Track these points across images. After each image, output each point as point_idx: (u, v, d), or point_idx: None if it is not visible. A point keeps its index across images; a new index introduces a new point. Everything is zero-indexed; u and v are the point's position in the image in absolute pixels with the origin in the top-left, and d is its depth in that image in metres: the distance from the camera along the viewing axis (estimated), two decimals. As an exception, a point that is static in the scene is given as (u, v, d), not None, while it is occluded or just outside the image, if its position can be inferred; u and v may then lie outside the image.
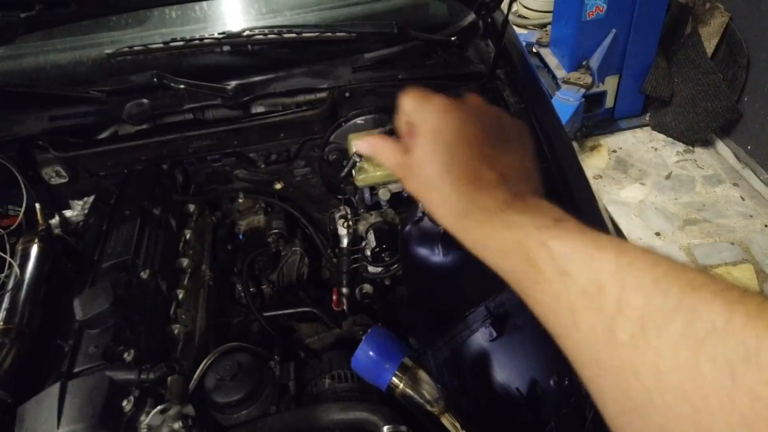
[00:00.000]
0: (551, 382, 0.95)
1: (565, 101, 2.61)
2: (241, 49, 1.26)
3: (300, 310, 1.22)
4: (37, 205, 1.28)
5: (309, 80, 1.27)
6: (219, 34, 1.25)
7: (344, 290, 1.36)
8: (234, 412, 0.88)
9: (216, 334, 1.16)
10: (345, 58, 1.29)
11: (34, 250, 1.15)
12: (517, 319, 0.99)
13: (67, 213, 1.39)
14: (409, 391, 0.87)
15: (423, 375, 0.89)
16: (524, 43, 3.09)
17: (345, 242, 1.38)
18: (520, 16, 4.31)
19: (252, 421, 0.87)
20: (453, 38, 1.33)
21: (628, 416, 0.40)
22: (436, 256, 1.00)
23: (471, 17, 1.38)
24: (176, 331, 1.07)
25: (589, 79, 2.67)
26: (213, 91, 1.20)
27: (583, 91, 2.64)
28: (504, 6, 1.39)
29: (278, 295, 1.39)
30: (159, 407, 0.82)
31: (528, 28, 4.17)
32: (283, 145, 1.38)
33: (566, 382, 0.93)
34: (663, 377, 0.38)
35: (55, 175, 1.30)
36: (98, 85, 1.23)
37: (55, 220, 1.36)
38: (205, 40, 1.24)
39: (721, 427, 0.34)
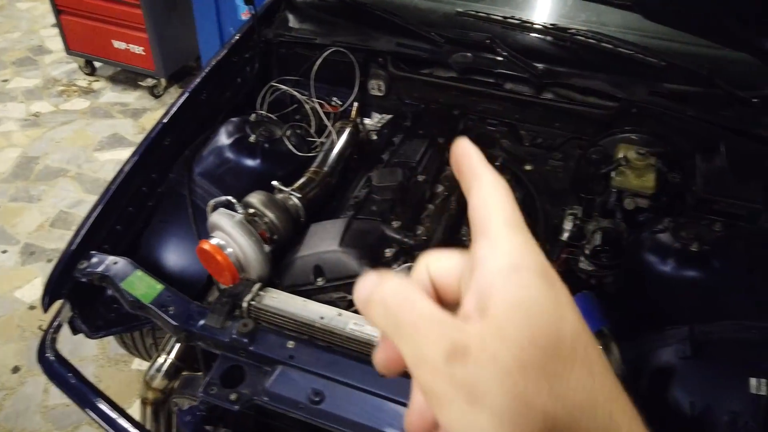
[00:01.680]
0: (725, 417, 1.00)
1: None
2: (560, 42, 1.46)
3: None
4: (356, 104, 1.65)
5: (606, 86, 1.42)
6: (549, 24, 1.46)
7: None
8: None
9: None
10: (646, 80, 1.42)
11: (347, 131, 1.50)
12: (715, 352, 1.05)
13: (366, 120, 1.75)
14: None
15: (615, 349, 1.02)
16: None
17: (565, 236, 1.51)
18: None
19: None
20: (754, 99, 1.37)
21: None
22: (667, 266, 1.10)
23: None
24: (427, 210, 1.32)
25: None
26: (527, 66, 1.42)
27: None
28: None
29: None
30: (407, 264, 1.07)
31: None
32: (553, 135, 1.56)
33: (742, 423, 0.97)
34: None
35: (376, 88, 1.64)
36: (445, 32, 1.53)
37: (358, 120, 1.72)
38: (535, 26, 1.47)
39: None
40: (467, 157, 0.36)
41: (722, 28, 1.20)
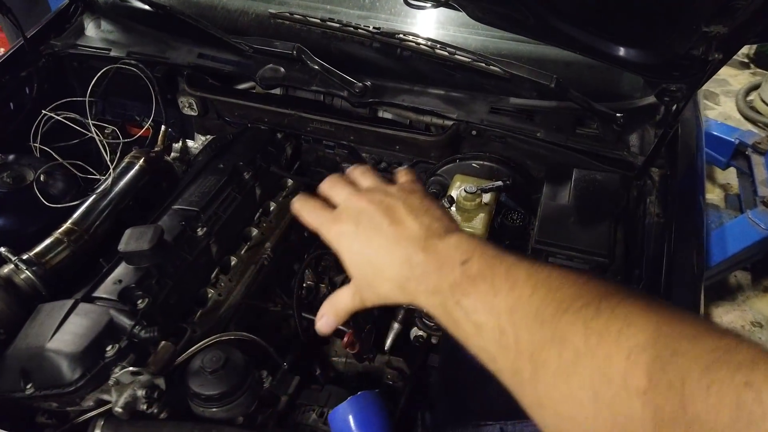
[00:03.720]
0: None
1: (754, 224, 2.19)
2: (389, 51, 1.20)
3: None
4: (163, 128, 1.37)
5: (441, 104, 1.17)
6: (374, 28, 1.20)
7: (396, 325, 1.27)
8: (201, 405, 0.85)
9: (248, 315, 1.14)
10: (488, 94, 1.18)
11: (136, 167, 1.22)
12: (530, 459, 0.82)
13: (190, 143, 1.47)
14: (370, 476, 0.77)
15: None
16: (736, 141, 2.66)
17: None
18: (753, 109, 3.74)
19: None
20: (618, 114, 1.14)
21: None
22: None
23: (651, 98, 1.18)
24: (208, 296, 1.07)
25: (795, 211, 2.22)
26: (342, 81, 1.16)
27: (781, 221, 2.20)
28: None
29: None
30: (132, 368, 0.81)
31: (758, 125, 3.60)
32: (396, 157, 1.31)
33: None
34: (558, 407, 0.42)
35: (188, 107, 1.37)
36: (251, 40, 1.25)
37: (178, 145, 1.44)
38: (360, 30, 1.20)
39: None
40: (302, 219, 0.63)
41: (557, 31, 0.95)
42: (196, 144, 1.46)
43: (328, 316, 0.64)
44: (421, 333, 1.27)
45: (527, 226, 1.10)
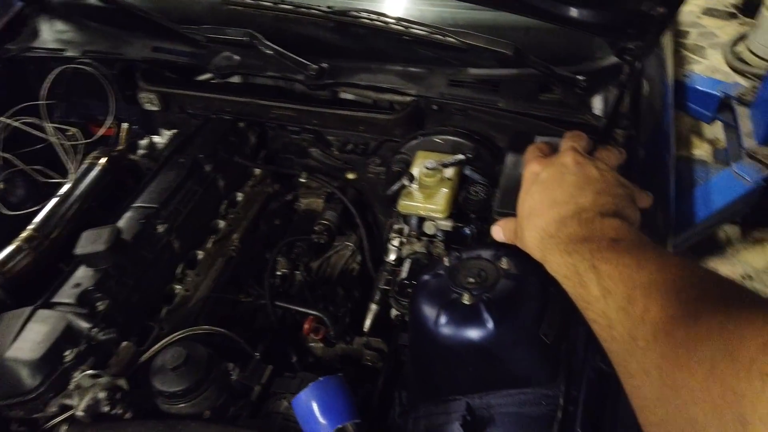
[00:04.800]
0: None
1: (739, 177, 2.16)
2: (343, 29, 1.18)
3: (303, 310, 1.14)
4: (125, 125, 1.35)
5: (399, 81, 1.15)
6: (327, 7, 1.17)
7: (373, 306, 1.26)
8: (166, 403, 0.85)
9: (220, 308, 1.14)
10: (447, 67, 1.15)
11: (97, 168, 1.21)
12: (497, 430, 0.82)
13: (156, 139, 1.45)
14: (336, 460, 0.77)
15: (358, 452, 0.78)
16: (720, 94, 2.62)
17: (392, 257, 1.27)
18: (741, 60, 3.68)
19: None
20: (580, 77, 1.11)
21: (646, 415, 0.45)
22: (435, 324, 0.85)
23: (612, 59, 1.15)
24: (175, 292, 1.07)
25: (781, 161, 2.19)
26: (297, 65, 1.14)
27: (767, 173, 2.17)
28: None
29: (311, 286, 1.34)
30: (91, 371, 0.81)
31: (746, 76, 3.55)
32: (362, 138, 1.30)
33: None
34: (665, 375, 0.43)
35: (149, 102, 1.34)
36: (204, 29, 1.23)
37: (145, 142, 1.42)
38: (312, 10, 1.18)
39: (701, 416, 0.39)
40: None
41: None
42: (162, 140, 1.44)
43: (496, 229, 0.81)
44: (398, 312, 1.27)
45: (491, 197, 1.08)
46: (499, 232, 0.82)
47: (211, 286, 1.10)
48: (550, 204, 0.66)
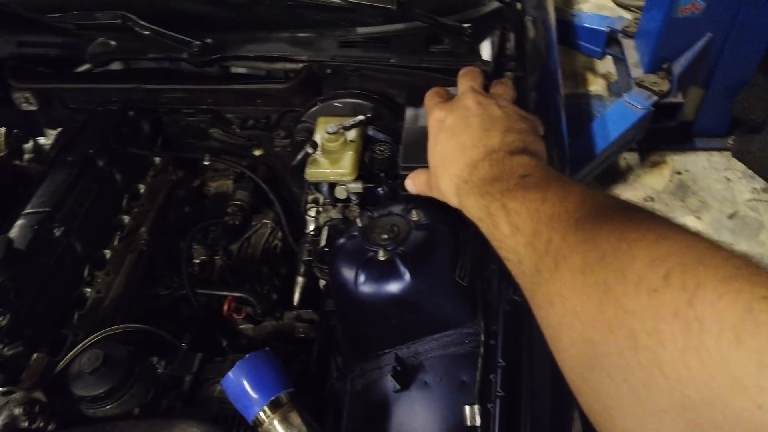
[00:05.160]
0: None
1: (631, 106, 2.30)
2: (223, 1, 1.13)
3: (225, 294, 1.13)
4: (2, 130, 1.25)
5: (289, 48, 1.13)
6: (202, -22, 1.12)
7: (299, 279, 1.26)
8: (91, 407, 0.82)
9: (139, 304, 1.10)
10: (335, 29, 1.14)
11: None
12: (428, 376, 0.85)
13: (42, 140, 1.36)
14: (274, 431, 0.78)
15: (295, 418, 0.79)
16: (607, 29, 2.75)
17: (311, 227, 1.27)
18: (623, -8, 3.87)
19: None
20: (466, 25, 1.13)
21: (553, 344, 0.46)
22: (355, 284, 0.86)
23: (495, 3, 1.18)
24: (86, 295, 1.02)
25: (666, 86, 2.34)
26: (178, 43, 1.09)
27: (654, 98, 2.32)
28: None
29: (233, 269, 1.32)
30: (2, 389, 0.77)
31: (630, 10, 3.73)
32: (262, 112, 1.27)
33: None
34: (566, 302, 0.44)
35: (24, 101, 1.25)
36: (71, 16, 1.14)
37: (30, 145, 1.32)
38: (187, -15, 1.12)
39: (598, 337, 0.40)
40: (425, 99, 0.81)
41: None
42: (48, 140, 1.35)
43: (408, 182, 0.83)
44: (326, 281, 1.27)
45: (397, 154, 1.10)
46: (411, 185, 0.83)
47: (124, 284, 1.06)
48: (460, 149, 0.67)
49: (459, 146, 0.68)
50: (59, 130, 1.31)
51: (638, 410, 0.37)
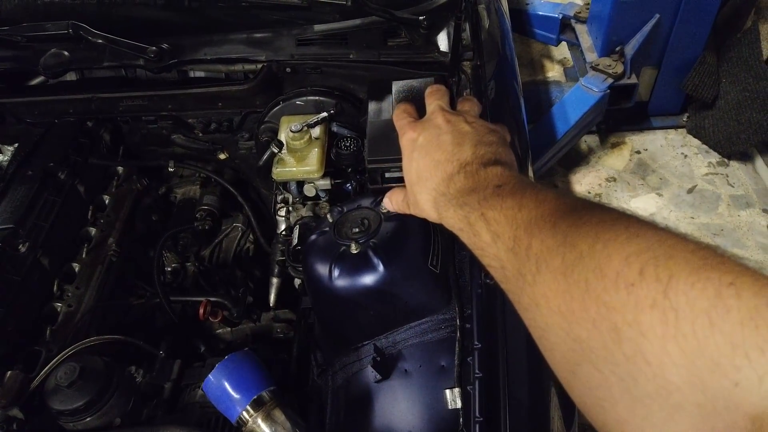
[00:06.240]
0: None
1: (588, 90, 2.36)
2: (175, 4, 1.12)
3: (199, 299, 1.12)
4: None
5: (246, 49, 1.13)
6: (153, -16, 1.11)
7: (274, 280, 1.26)
8: (71, 421, 0.81)
9: (113, 315, 1.09)
10: (292, 27, 1.14)
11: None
12: (408, 364, 0.87)
13: (-1, 157, 1.32)
14: (258, 429, 0.78)
15: (278, 414, 0.80)
16: (560, 16, 2.81)
17: (282, 227, 1.27)
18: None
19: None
20: (421, 17, 1.15)
21: (542, 344, 0.48)
22: (330, 279, 0.87)
23: (449, -6, 1.19)
24: (57, 310, 1.00)
25: (620, 68, 2.41)
26: (133, 50, 1.07)
27: (610, 81, 2.38)
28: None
29: (206, 275, 1.31)
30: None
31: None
32: (224, 115, 1.26)
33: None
34: (550, 303, 0.46)
35: (-25, 119, 1.22)
36: (20, 29, 1.12)
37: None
38: (139, -10, 1.11)
39: (583, 333, 0.42)
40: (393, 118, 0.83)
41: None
42: (4, 156, 1.31)
43: (386, 201, 0.84)
44: (300, 280, 1.28)
45: (362, 148, 1.11)
46: (389, 204, 0.84)
47: (95, 296, 1.04)
48: (434, 165, 0.69)
49: (433, 162, 0.69)
50: (15, 145, 1.28)
51: (627, 399, 0.39)
